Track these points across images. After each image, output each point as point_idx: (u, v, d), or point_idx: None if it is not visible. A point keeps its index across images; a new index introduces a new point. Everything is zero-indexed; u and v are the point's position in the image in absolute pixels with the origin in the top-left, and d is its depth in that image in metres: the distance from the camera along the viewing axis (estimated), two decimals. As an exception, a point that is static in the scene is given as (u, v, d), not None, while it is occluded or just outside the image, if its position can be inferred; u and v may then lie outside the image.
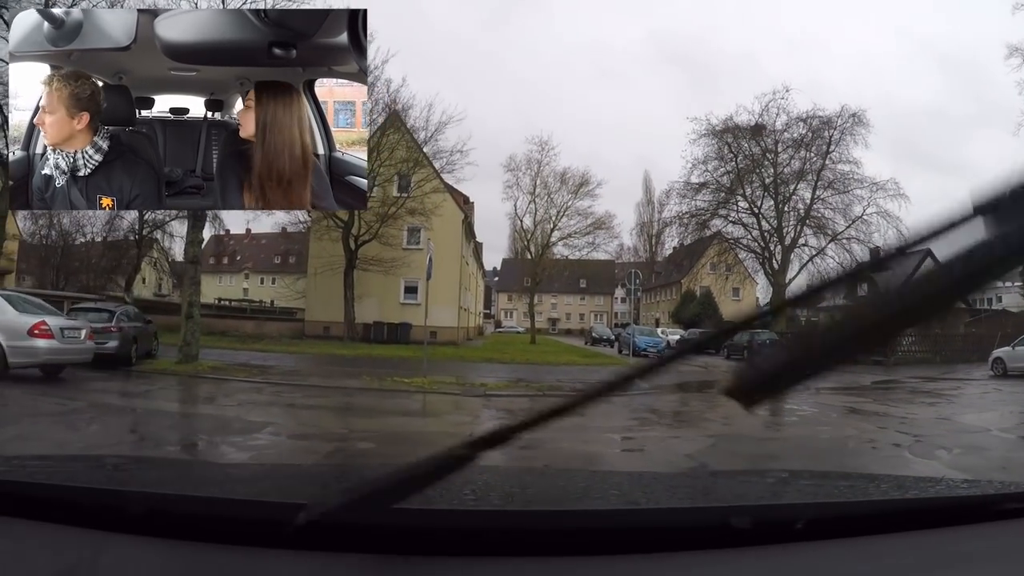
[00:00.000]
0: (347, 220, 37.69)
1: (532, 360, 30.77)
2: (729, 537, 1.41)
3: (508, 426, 1.16)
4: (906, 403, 17.39)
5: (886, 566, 1.44)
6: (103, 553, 1.34)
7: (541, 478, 2.48)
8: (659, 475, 2.84)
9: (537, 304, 65.66)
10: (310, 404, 13.98)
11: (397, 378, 18.22)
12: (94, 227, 54.01)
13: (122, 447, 8.77)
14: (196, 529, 1.37)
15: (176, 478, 2.21)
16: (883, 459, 9.69)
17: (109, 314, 19.83)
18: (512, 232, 67.10)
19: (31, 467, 2.21)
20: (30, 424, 10.49)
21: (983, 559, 1.50)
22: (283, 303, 56.39)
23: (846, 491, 2.07)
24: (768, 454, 9.94)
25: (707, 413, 14.92)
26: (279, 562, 1.32)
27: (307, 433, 10.91)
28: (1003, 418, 14.65)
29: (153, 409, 13.04)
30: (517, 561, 1.36)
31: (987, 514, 1.65)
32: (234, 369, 19.51)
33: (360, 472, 2.78)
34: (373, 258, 39.27)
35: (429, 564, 1.33)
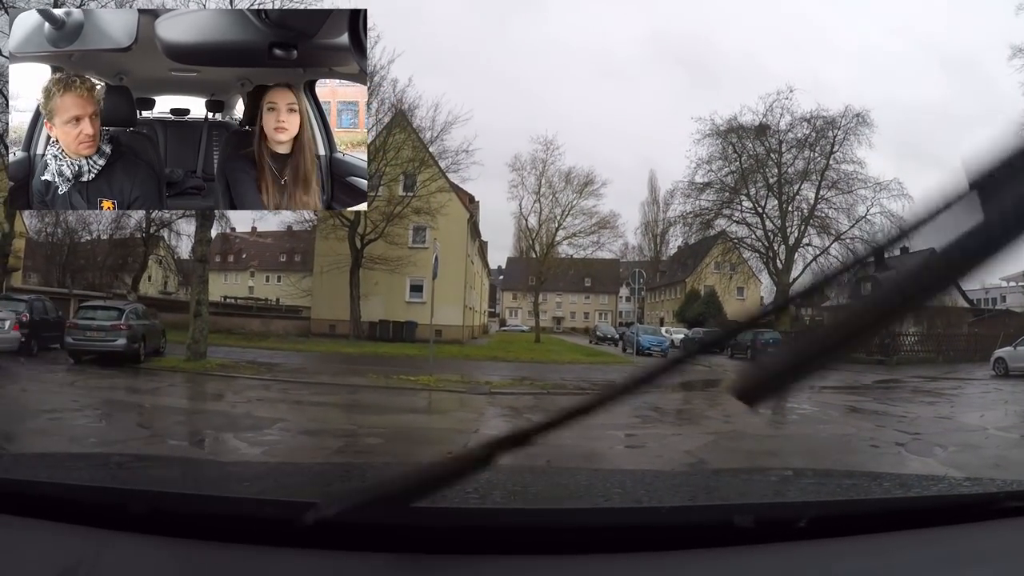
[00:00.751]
0: (353, 219, 37.67)
1: (537, 358, 30.92)
2: (732, 535, 1.42)
3: (529, 427, 1.18)
4: (906, 402, 17.53)
5: (889, 564, 1.45)
6: (106, 552, 1.34)
7: (543, 476, 2.42)
8: (662, 473, 2.82)
9: (542, 303, 65.62)
10: (318, 401, 14.17)
11: (403, 376, 18.41)
12: (100, 225, 54.10)
13: (130, 444, 8.91)
14: (200, 528, 1.37)
15: (180, 477, 2.20)
16: (880, 456, 9.82)
17: (118, 312, 20.06)
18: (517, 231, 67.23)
19: (34, 466, 2.23)
20: (38, 421, 10.64)
21: (985, 557, 1.52)
22: (289, 301, 56.32)
23: (849, 489, 2.06)
24: (769, 451, 10.08)
25: (709, 411, 15.04)
26: (284, 561, 1.32)
27: (316, 429, 11.08)
28: (1002, 417, 14.75)
29: (162, 406, 13.24)
30: (520, 559, 1.36)
31: (989, 512, 1.66)
32: (242, 367, 19.70)
33: (365, 470, 2.80)
34: (379, 257, 39.32)
35: (433, 562, 1.33)
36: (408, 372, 19.29)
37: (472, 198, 50.45)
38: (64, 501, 1.48)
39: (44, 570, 1.31)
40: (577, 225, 56.04)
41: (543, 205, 55.76)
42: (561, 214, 55.58)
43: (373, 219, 37.91)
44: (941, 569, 1.48)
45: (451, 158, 41.62)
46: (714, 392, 20.24)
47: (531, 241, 58.54)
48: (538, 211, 56.09)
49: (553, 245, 56.55)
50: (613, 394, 1.11)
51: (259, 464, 5.13)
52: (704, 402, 17.36)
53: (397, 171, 39.09)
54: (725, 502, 1.86)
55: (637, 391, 1.13)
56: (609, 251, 63.04)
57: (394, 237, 39.33)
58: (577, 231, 56.22)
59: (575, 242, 57.12)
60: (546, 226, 56.21)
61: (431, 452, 9.26)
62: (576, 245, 57.54)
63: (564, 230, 56.06)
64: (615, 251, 68.71)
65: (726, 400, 18.20)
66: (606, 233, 57.29)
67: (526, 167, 55.29)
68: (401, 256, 39.75)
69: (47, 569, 1.31)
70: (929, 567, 1.47)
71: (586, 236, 56.42)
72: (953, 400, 18.36)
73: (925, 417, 14.01)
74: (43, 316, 21.62)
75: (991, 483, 2.11)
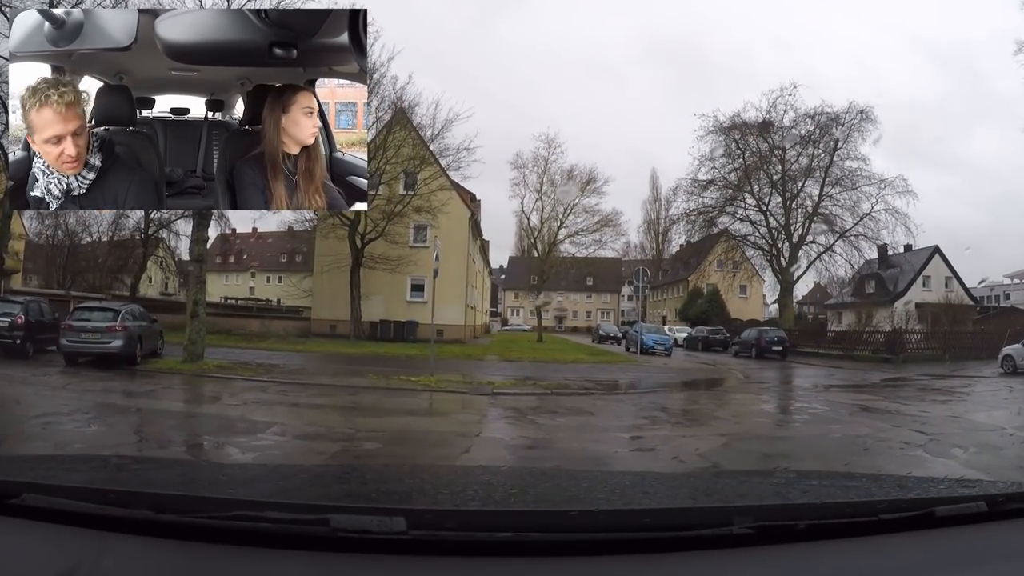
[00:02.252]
0: (353, 218, 37.53)
1: (539, 358, 30.68)
2: (731, 537, 1.44)
3: None
4: (918, 401, 17.20)
5: (889, 566, 1.48)
6: (105, 553, 1.35)
7: (543, 478, 2.52)
8: (661, 475, 2.90)
9: (544, 302, 65.55)
10: (316, 403, 13.87)
11: (404, 376, 18.13)
12: (100, 226, 54.10)
13: (125, 448, 8.67)
14: (198, 530, 1.38)
15: (178, 479, 2.22)
16: (901, 459, 9.55)
17: (114, 313, 19.82)
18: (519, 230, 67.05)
19: (33, 468, 2.24)
20: (34, 424, 10.41)
21: (984, 558, 1.54)
22: (289, 301, 56.29)
23: (849, 491, 2.11)
24: (782, 453, 9.82)
25: (718, 411, 14.80)
26: (284, 563, 1.33)
27: (313, 433, 10.77)
28: (1016, 416, 14.47)
29: (157, 409, 12.92)
30: (519, 561, 1.37)
31: (988, 514, 1.69)
32: (239, 368, 19.42)
33: (365, 473, 2.80)
34: (379, 256, 39.15)
35: (433, 564, 1.35)
36: (409, 372, 19.04)
37: (473, 197, 50.32)
38: (65, 503, 1.50)
39: (44, 572, 1.33)
40: (579, 223, 56.15)
41: (545, 203, 55.80)
42: (563, 212, 55.64)
43: (373, 218, 37.69)
44: (941, 570, 1.51)
45: (452, 156, 41.47)
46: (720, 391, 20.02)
47: (533, 240, 58.50)
48: (540, 209, 56.12)
49: (555, 244, 56.49)
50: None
51: (258, 467, 5.06)
52: (712, 402, 17.12)
53: (397, 169, 38.89)
54: (725, 504, 1.87)
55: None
56: (611, 250, 63.11)
57: (395, 236, 39.14)
58: (579, 229, 56.31)
59: (577, 241, 57.28)
60: (548, 224, 56.30)
61: (432, 457, 8.96)
62: (578, 244, 57.69)
63: (566, 228, 56.14)
64: (617, 250, 68.67)
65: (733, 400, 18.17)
66: (608, 231, 57.41)
67: (528, 165, 55.32)
68: (402, 255, 39.56)
69: (47, 570, 1.32)
70: (929, 568, 1.51)
71: (588, 234, 56.52)
72: (965, 399, 18.11)
73: (940, 416, 13.69)
74: (39, 318, 21.41)
75: (991, 484, 2.23)
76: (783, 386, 22.96)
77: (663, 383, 20.67)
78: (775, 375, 26.96)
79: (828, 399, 17.04)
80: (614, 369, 25.79)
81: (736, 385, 21.76)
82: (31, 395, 13.70)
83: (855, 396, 17.81)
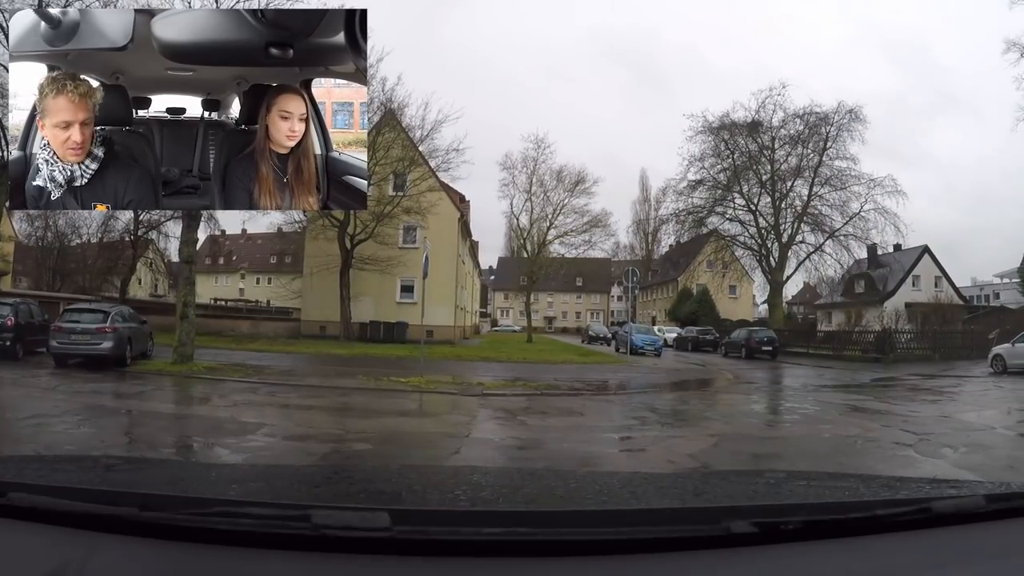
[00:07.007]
0: (343, 219, 37.50)
1: (529, 359, 30.65)
2: (720, 538, 1.43)
3: None
4: (908, 401, 17.25)
5: (878, 566, 1.46)
6: (95, 553, 1.35)
7: (532, 479, 2.50)
8: (649, 476, 2.86)
9: (533, 303, 65.57)
10: (306, 404, 13.82)
11: (394, 377, 18.10)
12: (89, 228, 53.91)
13: (115, 449, 8.63)
14: (188, 530, 1.38)
15: (168, 479, 2.20)
16: (891, 459, 9.56)
17: (103, 314, 19.72)
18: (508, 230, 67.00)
19: (22, 468, 2.21)
20: (22, 425, 10.36)
21: (973, 559, 1.54)
22: (279, 303, 56.18)
23: (839, 492, 2.11)
24: (773, 454, 9.83)
25: (707, 412, 14.80)
26: (273, 563, 1.33)
27: (303, 434, 10.72)
28: (1005, 416, 14.54)
29: (146, 410, 12.85)
30: (506, 561, 1.37)
31: (976, 515, 1.69)
32: (229, 369, 19.33)
33: (353, 473, 2.77)
34: (369, 257, 39.05)
35: (419, 564, 1.34)
36: (399, 373, 19.01)
37: (463, 197, 50.31)
38: (52, 503, 1.49)
39: (31, 572, 1.32)
40: (569, 224, 56.16)
41: (534, 204, 55.86)
42: (552, 213, 55.66)
43: (363, 219, 37.62)
44: (931, 571, 1.50)
45: (441, 157, 41.47)
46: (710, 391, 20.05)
47: (522, 240, 58.47)
48: (529, 210, 56.17)
49: (545, 244, 56.50)
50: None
51: (247, 467, 5.03)
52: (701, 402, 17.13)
53: (387, 170, 38.79)
54: (714, 504, 1.86)
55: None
56: (601, 250, 63.14)
57: (384, 237, 39.03)
58: (569, 230, 56.32)
59: (567, 241, 57.25)
60: (537, 225, 56.30)
61: (421, 457, 8.94)
62: (568, 244, 57.65)
63: (556, 229, 56.17)
64: (607, 250, 68.71)
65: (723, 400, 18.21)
66: (598, 232, 57.39)
67: (517, 166, 55.38)
68: (391, 256, 39.52)
69: (36, 570, 1.32)
70: (918, 569, 1.49)
71: (578, 235, 56.51)
72: (955, 398, 18.12)
73: (929, 416, 13.72)
74: (29, 320, 21.33)
75: (980, 485, 2.29)
76: (773, 386, 22.99)
77: (653, 383, 20.69)
78: (765, 375, 26.99)
79: (818, 399, 17.07)
80: (604, 370, 25.79)
81: (726, 385, 21.80)
82: (21, 397, 13.64)
83: (845, 396, 17.85)
